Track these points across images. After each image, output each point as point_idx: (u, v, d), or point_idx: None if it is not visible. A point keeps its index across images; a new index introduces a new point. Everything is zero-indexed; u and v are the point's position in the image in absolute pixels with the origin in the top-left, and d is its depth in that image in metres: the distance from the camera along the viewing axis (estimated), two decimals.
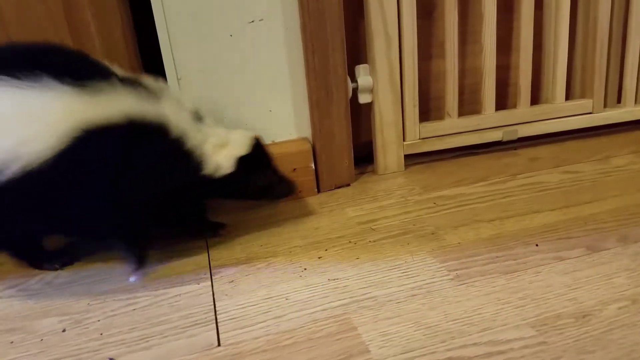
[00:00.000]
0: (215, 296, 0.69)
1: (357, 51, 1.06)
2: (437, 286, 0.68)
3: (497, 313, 0.61)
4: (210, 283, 0.73)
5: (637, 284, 0.64)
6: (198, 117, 0.79)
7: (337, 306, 0.65)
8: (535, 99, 1.19)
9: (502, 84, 1.18)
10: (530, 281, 0.67)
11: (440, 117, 1.15)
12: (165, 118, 0.72)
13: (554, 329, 0.57)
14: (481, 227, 0.83)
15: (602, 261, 0.70)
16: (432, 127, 1.11)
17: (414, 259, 0.75)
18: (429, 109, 1.18)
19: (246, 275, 0.74)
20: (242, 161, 0.79)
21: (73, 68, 0.69)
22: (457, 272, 0.70)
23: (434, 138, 1.12)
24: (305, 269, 0.75)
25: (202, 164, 0.76)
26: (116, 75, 0.72)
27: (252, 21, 0.91)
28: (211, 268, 0.77)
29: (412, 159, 1.14)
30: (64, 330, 0.65)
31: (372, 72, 1.02)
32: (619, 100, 1.21)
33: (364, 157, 1.12)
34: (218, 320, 0.64)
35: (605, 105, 1.19)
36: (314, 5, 0.91)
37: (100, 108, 0.67)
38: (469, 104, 1.18)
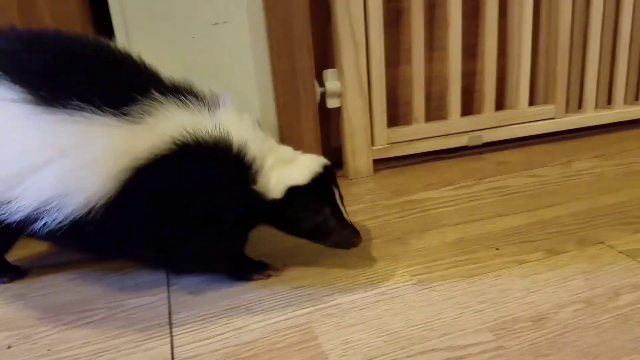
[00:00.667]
0: (173, 308, 0.68)
1: (325, 56, 1.06)
2: (401, 291, 0.68)
3: (457, 318, 0.61)
4: (167, 295, 0.71)
5: (593, 286, 0.65)
6: (261, 130, 0.71)
7: (301, 315, 0.65)
8: (501, 105, 1.21)
9: (469, 89, 1.20)
10: (490, 285, 0.68)
11: (408, 122, 1.16)
12: (223, 128, 0.64)
13: (511, 333, 0.58)
14: (446, 231, 0.84)
15: (561, 264, 0.71)
16: (400, 132, 1.12)
17: (380, 264, 0.75)
18: (398, 115, 1.19)
19: (208, 286, 0.73)
20: (293, 191, 0.68)
21: (110, 84, 0.62)
22: (420, 276, 0.71)
23: (402, 143, 1.13)
24: (269, 276, 0.75)
25: (256, 179, 0.66)
26: (159, 81, 0.65)
27: (216, 23, 0.90)
28: (169, 278, 0.75)
29: (382, 164, 1.14)
30: (9, 347, 0.62)
31: (340, 78, 1.03)
32: (580, 106, 1.24)
33: (334, 162, 1.12)
34: (174, 334, 0.63)
35: (567, 111, 1.22)
36: (281, 9, 0.91)
37: (147, 137, 0.60)
38: (437, 110, 1.19)
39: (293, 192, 0.67)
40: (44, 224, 0.59)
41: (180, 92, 0.65)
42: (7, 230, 0.63)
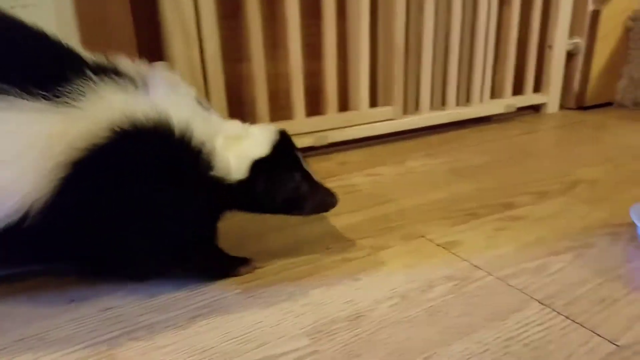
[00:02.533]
0: None
1: (156, 47, 0.98)
2: (223, 303, 0.64)
3: (277, 325, 0.59)
4: None
5: (411, 279, 0.68)
6: (203, 107, 0.63)
7: (104, 340, 0.57)
8: (345, 106, 1.24)
9: (315, 90, 1.21)
10: (316, 286, 0.66)
11: (253, 121, 1.12)
12: (161, 112, 0.56)
13: (328, 335, 0.57)
14: (284, 232, 0.82)
15: (384, 260, 0.73)
16: None
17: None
18: (244, 113, 1.15)
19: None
20: (258, 165, 0.62)
21: (33, 62, 0.54)
22: (247, 284, 0.67)
23: None
24: (73, 300, 0.65)
25: (211, 164, 0.59)
26: (87, 63, 0.56)
27: (13, 7, 0.77)
28: None
29: None
30: None
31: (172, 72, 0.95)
32: (417, 108, 1.33)
33: None
34: None
35: (405, 112, 1.30)
36: None
37: (81, 124, 0.52)
38: (284, 109, 1.18)
39: (258, 166, 0.62)
40: None
41: (107, 71, 0.57)
42: None
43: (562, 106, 1.57)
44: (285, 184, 0.65)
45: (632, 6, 1.53)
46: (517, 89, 1.48)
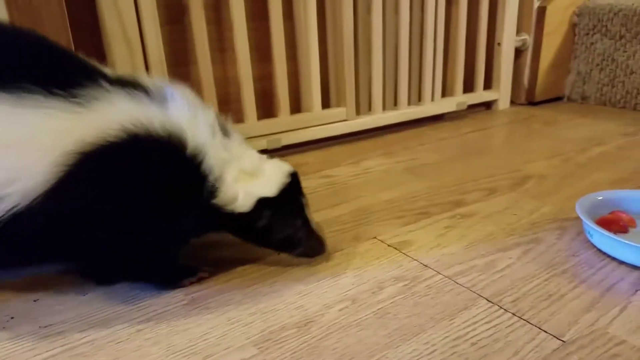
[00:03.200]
0: None
1: (98, 54, 0.94)
2: (168, 315, 0.61)
3: (224, 335, 0.57)
4: None
5: (361, 281, 0.67)
6: (224, 131, 0.64)
7: (44, 359, 0.54)
8: (298, 108, 1.22)
9: (267, 92, 1.19)
10: (265, 293, 0.65)
11: None
12: (175, 127, 0.58)
13: (276, 343, 0.55)
14: (233, 239, 0.79)
15: (335, 262, 0.72)
16: None
17: (149, 285, 0.67)
18: None
19: None
20: (264, 203, 0.64)
21: (57, 70, 0.57)
22: (194, 295, 0.65)
23: None
24: (12, 317, 0.61)
25: (215, 192, 0.61)
26: (105, 76, 0.59)
27: None
28: None
29: None
30: None
31: None
32: (370, 108, 1.33)
33: None
34: None
35: (358, 113, 1.29)
36: None
37: (95, 122, 0.55)
38: (235, 113, 1.15)
39: (263, 204, 0.64)
40: None
41: (124, 84, 0.59)
42: None
43: (513, 102, 1.61)
44: (285, 227, 0.67)
45: (577, 2, 1.58)
46: (468, 87, 1.50)
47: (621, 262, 0.68)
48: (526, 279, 0.66)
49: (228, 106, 1.13)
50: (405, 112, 1.37)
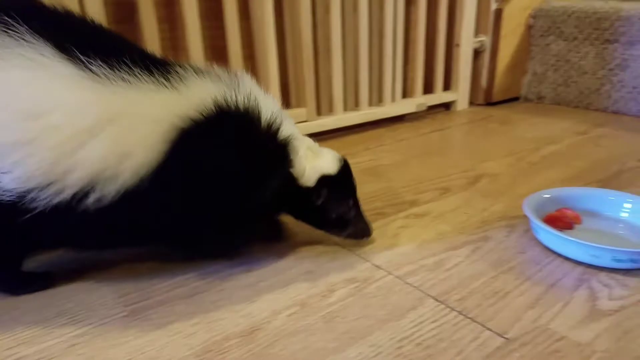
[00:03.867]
0: None
1: None
2: (106, 328, 0.59)
3: (163, 348, 0.55)
4: None
5: (312, 285, 0.66)
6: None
7: None
8: None
9: None
10: (211, 302, 0.63)
11: None
12: (254, 103, 0.63)
13: (218, 354, 0.54)
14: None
15: (286, 267, 0.70)
16: None
17: (86, 297, 0.64)
18: None
19: None
20: (325, 180, 0.69)
21: (148, 55, 0.63)
22: (134, 306, 0.63)
23: None
24: None
25: (293, 162, 0.67)
26: (178, 63, 0.64)
27: None
28: None
29: None
30: None
31: None
32: (331, 109, 1.32)
33: None
34: None
35: (319, 114, 1.29)
36: None
37: (188, 102, 0.59)
38: None
39: (324, 181, 0.69)
40: (95, 199, 0.55)
41: (199, 70, 0.64)
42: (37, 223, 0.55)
43: (472, 103, 1.63)
44: (340, 204, 0.71)
45: (532, 4, 1.61)
46: (428, 88, 1.52)
47: (566, 258, 0.69)
48: (473, 277, 0.66)
49: None
50: (366, 113, 1.37)
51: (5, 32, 0.53)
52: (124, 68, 0.56)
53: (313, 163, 0.69)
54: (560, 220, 0.75)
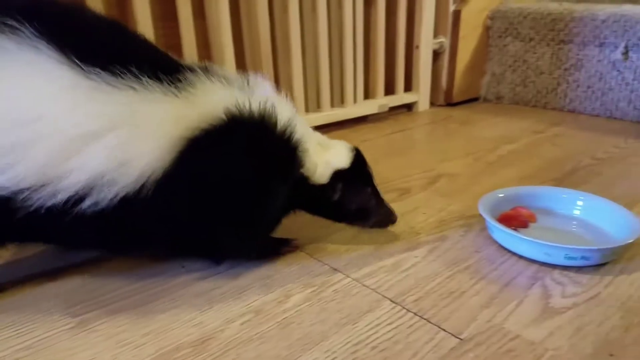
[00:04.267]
0: None
1: None
2: (52, 340, 0.56)
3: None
4: None
5: (268, 291, 0.65)
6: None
7: None
8: None
9: None
10: (162, 311, 0.61)
11: None
12: (267, 107, 0.62)
13: None
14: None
15: (241, 273, 0.69)
16: None
17: (32, 309, 0.61)
18: None
19: None
20: (339, 175, 0.69)
21: (151, 56, 0.61)
22: (82, 317, 0.60)
23: None
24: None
25: (303, 162, 0.66)
26: (190, 66, 0.63)
27: None
28: None
29: None
30: None
31: None
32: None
33: None
34: None
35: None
36: None
37: (198, 107, 0.59)
38: None
39: (338, 176, 0.69)
40: (93, 203, 0.55)
41: (211, 72, 0.63)
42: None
43: (433, 103, 1.65)
44: (359, 195, 0.71)
45: (490, 5, 1.64)
46: (390, 89, 1.52)
47: (520, 257, 0.70)
48: (430, 277, 0.66)
49: None
50: (329, 114, 1.36)
51: (7, 34, 0.52)
52: (130, 74, 0.55)
53: (325, 159, 0.69)
54: (516, 219, 0.76)
